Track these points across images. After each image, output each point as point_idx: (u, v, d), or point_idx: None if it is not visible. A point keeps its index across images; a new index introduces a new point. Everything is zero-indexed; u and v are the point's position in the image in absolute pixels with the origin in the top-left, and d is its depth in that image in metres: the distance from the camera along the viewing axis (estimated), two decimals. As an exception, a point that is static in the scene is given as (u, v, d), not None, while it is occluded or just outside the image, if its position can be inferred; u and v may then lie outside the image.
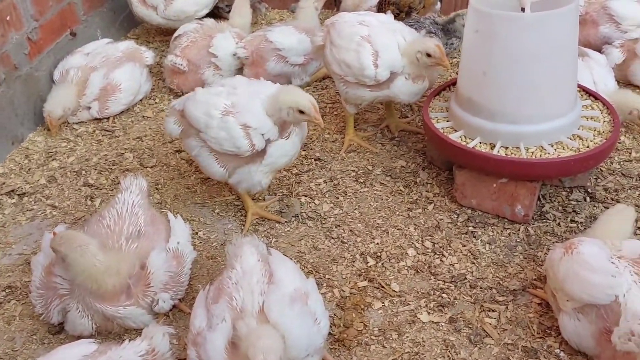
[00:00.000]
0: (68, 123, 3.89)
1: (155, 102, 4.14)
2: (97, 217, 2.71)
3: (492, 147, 2.95)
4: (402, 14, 4.13)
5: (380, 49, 3.21)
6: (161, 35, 4.79)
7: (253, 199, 3.17)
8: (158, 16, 4.49)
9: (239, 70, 4.20)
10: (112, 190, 3.36)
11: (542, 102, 2.88)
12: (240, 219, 3.15)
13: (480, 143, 2.99)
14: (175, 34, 4.20)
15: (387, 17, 3.46)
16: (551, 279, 2.46)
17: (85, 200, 3.33)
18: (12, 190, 3.40)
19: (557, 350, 2.43)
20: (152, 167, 3.54)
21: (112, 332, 2.58)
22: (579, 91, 3.27)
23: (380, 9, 4.28)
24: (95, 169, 3.53)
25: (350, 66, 3.26)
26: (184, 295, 2.69)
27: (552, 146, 2.91)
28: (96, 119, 3.92)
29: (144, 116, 4.00)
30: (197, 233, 3.08)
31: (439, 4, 4.59)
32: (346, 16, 3.44)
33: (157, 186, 3.39)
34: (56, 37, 4.10)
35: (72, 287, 2.51)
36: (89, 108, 3.86)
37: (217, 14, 4.81)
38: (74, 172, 3.52)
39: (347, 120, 3.60)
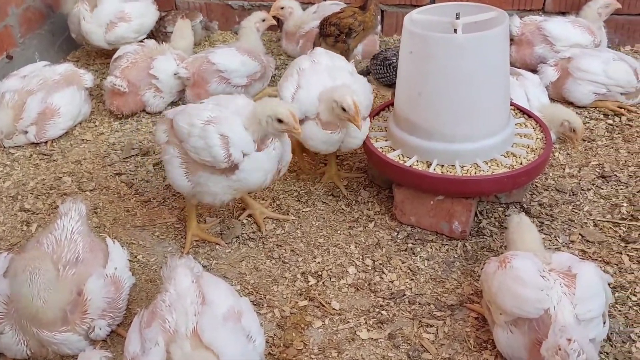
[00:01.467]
0: (4, 147, 3.81)
1: (95, 125, 4.09)
2: (33, 243, 2.66)
3: (429, 165, 3.01)
4: (343, 35, 4.19)
5: (304, 86, 3.15)
6: (102, 58, 4.74)
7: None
8: (101, 39, 4.44)
9: (181, 92, 4.20)
10: (50, 215, 3.29)
11: (476, 121, 2.96)
12: (180, 242, 3.13)
13: (417, 161, 3.04)
14: (115, 55, 4.16)
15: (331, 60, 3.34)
16: (486, 292, 2.52)
17: (22, 225, 3.26)
18: (-54, 217, 3.32)
19: (493, 364, 2.48)
20: (91, 190, 3.49)
21: (47, 359, 2.52)
22: (513, 109, 3.37)
23: (322, 29, 4.34)
24: (32, 194, 3.46)
25: None
26: (122, 320, 2.65)
27: (487, 163, 2.99)
28: (33, 143, 3.84)
29: (83, 139, 3.94)
30: (136, 257, 3.04)
31: (379, 26, 4.69)
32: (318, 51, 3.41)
33: (95, 210, 3.34)
34: (-9, 61, 4.03)
35: (9, 309, 2.45)
36: (26, 132, 3.79)
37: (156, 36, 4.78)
38: (10, 197, 3.45)
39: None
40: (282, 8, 4.66)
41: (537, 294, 2.28)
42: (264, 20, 4.39)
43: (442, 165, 3.01)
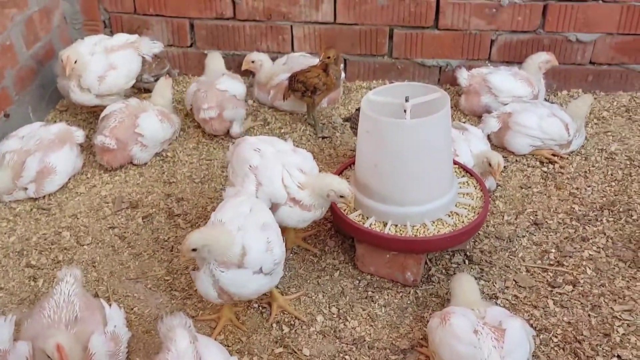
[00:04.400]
0: (5, 202, 4.20)
1: (87, 178, 4.50)
2: (38, 309, 3.07)
3: (385, 224, 3.51)
4: (308, 92, 4.67)
5: (265, 182, 3.44)
6: (87, 107, 5.08)
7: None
8: (92, 95, 4.76)
9: (164, 143, 4.64)
10: (53, 269, 3.70)
11: (423, 188, 3.46)
12: (170, 294, 3.58)
13: (375, 221, 3.54)
14: (103, 114, 4.55)
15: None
16: (430, 343, 3.03)
17: (29, 280, 3.66)
18: (-43, 273, 3.70)
19: (437, 401, 2.99)
20: (88, 244, 3.91)
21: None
22: (457, 168, 3.89)
23: (291, 84, 4.82)
24: (36, 249, 3.87)
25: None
26: (123, 371, 3.11)
27: (433, 223, 3.50)
28: (32, 198, 4.24)
29: (77, 192, 4.35)
30: (132, 309, 3.48)
31: (343, 75, 5.16)
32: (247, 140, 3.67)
33: (93, 264, 3.77)
34: (-10, 122, 4.41)
35: None
36: (26, 189, 4.19)
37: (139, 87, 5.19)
38: (16, 252, 3.85)
39: None
40: (252, 62, 5.11)
41: (469, 349, 2.78)
42: None
43: (396, 225, 3.51)
